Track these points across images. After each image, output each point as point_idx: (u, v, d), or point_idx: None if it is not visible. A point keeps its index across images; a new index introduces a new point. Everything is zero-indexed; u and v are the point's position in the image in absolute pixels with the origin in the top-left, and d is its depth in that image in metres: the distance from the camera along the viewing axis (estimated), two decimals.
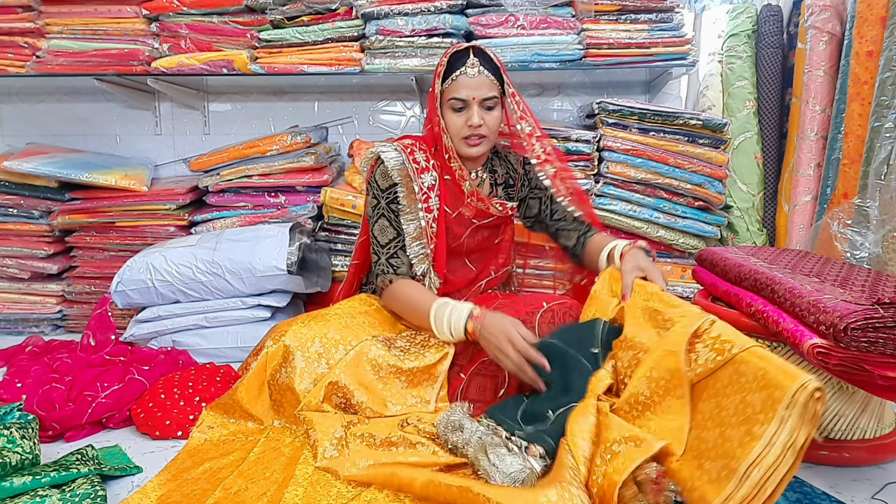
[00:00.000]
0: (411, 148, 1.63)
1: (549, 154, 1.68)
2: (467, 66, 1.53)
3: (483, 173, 1.72)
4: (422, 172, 1.61)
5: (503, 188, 1.75)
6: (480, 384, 1.53)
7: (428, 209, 1.61)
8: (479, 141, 1.57)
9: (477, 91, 1.53)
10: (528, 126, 1.65)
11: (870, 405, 1.29)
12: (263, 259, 2.02)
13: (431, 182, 1.62)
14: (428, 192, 1.61)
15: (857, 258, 1.75)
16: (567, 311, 1.56)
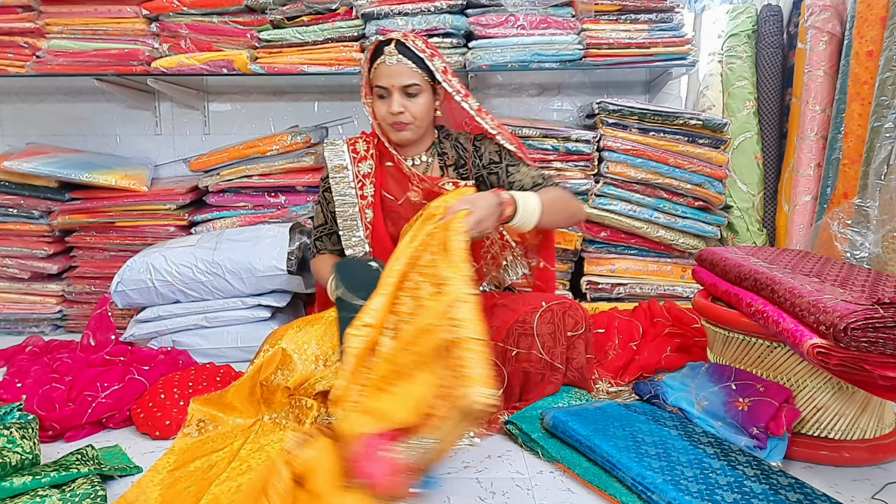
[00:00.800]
0: (355, 139, 1.74)
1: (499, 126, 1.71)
2: (386, 54, 1.58)
3: (429, 157, 1.73)
4: (360, 161, 1.70)
5: (454, 169, 1.74)
6: None
7: (363, 196, 1.68)
8: (403, 127, 1.61)
9: (396, 79, 1.58)
10: (475, 103, 1.67)
11: (870, 405, 1.29)
12: (263, 259, 2.02)
13: (368, 170, 1.70)
14: (363, 180, 1.69)
15: (857, 258, 1.75)
16: (567, 311, 1.55)
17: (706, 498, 1.06)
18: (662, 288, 2.30)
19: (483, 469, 1.28)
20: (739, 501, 1.05)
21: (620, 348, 1.85)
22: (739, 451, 1.22)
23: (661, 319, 1.99)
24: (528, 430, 1.37)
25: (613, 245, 2.31)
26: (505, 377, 1.52)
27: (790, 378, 1.33)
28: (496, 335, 1.54)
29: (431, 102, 1.65)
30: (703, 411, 1.37)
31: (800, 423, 1.31)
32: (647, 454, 1.20)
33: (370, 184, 1.69)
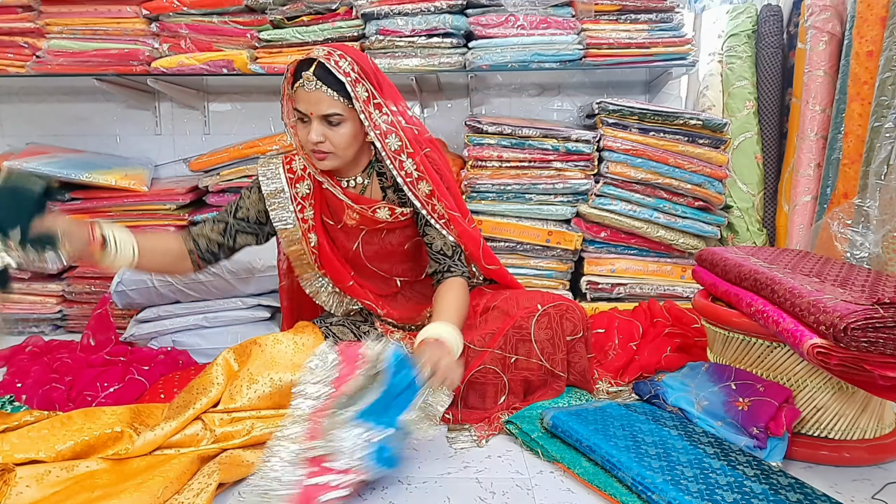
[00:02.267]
0: (291, 156, 1.59)
1: (424, 171, 1.53)
2: (304, 79, 1.40)
3: (365, 178, 1.59)
4: (297, 182, 1.57)
5: (394, 191, 1.60)
6: (480, 391, 1.52)
7: (303, 220, 1.57)
8: (324, 156, 1.46)
9: (315, 107, 1.41)
10: (397, 142, 1.50)
11: (870, 405, 1.29)
12: (263, 259, 2.02)
13: (306, 191, 1.57)
14: (302, 202, 1.57)
15: (857, 258, 1.75)
16: (563, 314, 1.54)
17: (706, 498, 1.06)
18: (662, 288, 2.30)
19: (483, 469, 1.28)
20: (739, 501, 1.05)
21: (620, 348, 1.85)
22: (739, 451, 1.22)
23: (661, 319, 1.99)
24: (527, 429, 1.37)
25: (613, 245, 2.31)
26: (506, 384, 1.51)
27: (790, 378, 1.33)
28: (492, 342, 1.52)
29: (358, 131, 1.47)
30: (703, 411, 1.37)
31: (800, 423, 1.31)
32: (647, 454, 1.20)
33: (310, 206, 1.56)
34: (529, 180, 2.25)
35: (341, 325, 1.60)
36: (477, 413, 1.50)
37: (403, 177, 1.52)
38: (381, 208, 1.56)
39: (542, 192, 2.27)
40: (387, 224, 1.58)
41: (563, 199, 2.29)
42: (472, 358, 1.52)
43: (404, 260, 1.69)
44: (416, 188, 1.54)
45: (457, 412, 1.50)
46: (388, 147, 1.49)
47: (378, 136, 1.47)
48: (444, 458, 1.34)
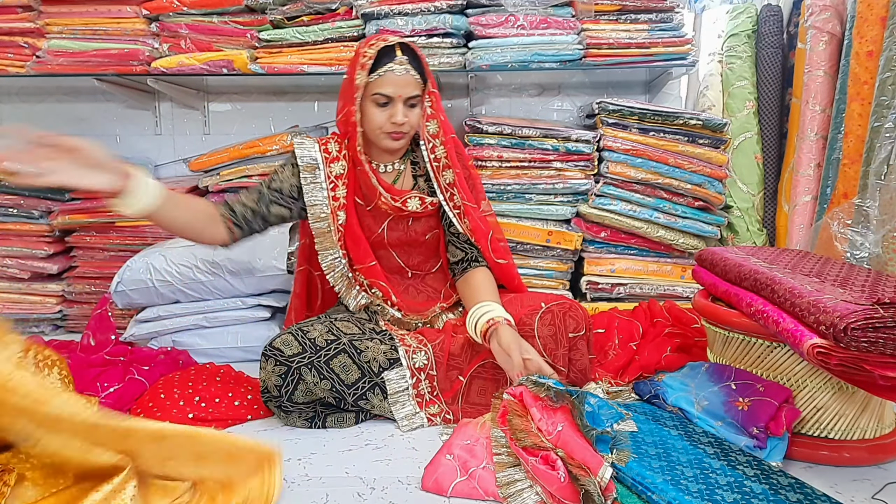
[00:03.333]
0: (326, 139, 1.65)
1: (450, 160, 1.64)
2: (395, 63, 1.50)
3: (401, 165, 1.69)
4: (331, 162, 1.62)
5: (425, 180, 1.69)
6: (482, 387, 1.53)
7: (335, 198, 1.61)
8: (399, 136, 1.56)
9: (403, 89, 1.52)
10: (435, 126, 1.63)
11: (870, 405, 1.29)
12: (263, 259, 2.03)
13: (340, 171, 1.62)
14: (335, 181, 1.61)
15: (857, 258, 1.75)
16: (567, 312, 1.54)
17: (706, 498, 1.06)
18: (662, 288, 2.30)
19: None
20: (739, 501, 1.05)
21: (620, 348, 1.85)
22: (739, 451, 1.22)
23: (661, 319, 1.99)
24: None
25: (613, 245, 2.31)
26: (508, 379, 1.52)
27: (790, 378, 1.33)
28: None
29: (423, 112, 1.62)
30: (703, 411, 1.37)
31: (800, 423, 1.31)
32: (646, 454, 1.20)
33: (343, 185, 1.62)
34: (529, 180, 2.25)
35: (346, 320, 1.61)
36: (478, 409, 1.51)
37: (432, 161, 1.64)
38: (413, 198, 1.63)
39: (542, 192, 2.27)
40: (415, 213, 1.65)
41: (563, 199, 2.29)
42: (475, 353, 1.53)
43: (422, 251, 1.74)
44: (440, 174, 1.65)
45: (457, 409, 1.50)
46: (427, 130, 1.63)
47: (428, 116, 1.62)
48: None
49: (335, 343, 1.48)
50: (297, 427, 1.50)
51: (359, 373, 1.48)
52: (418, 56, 1.55)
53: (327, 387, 1.45)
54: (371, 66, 1.51)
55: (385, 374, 1.49)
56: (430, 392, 1.52)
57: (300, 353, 1.45)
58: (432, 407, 1.51)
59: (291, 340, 1.46)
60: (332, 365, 1.45)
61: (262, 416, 1.57)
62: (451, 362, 1.54)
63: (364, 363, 1.48)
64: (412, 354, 1.53)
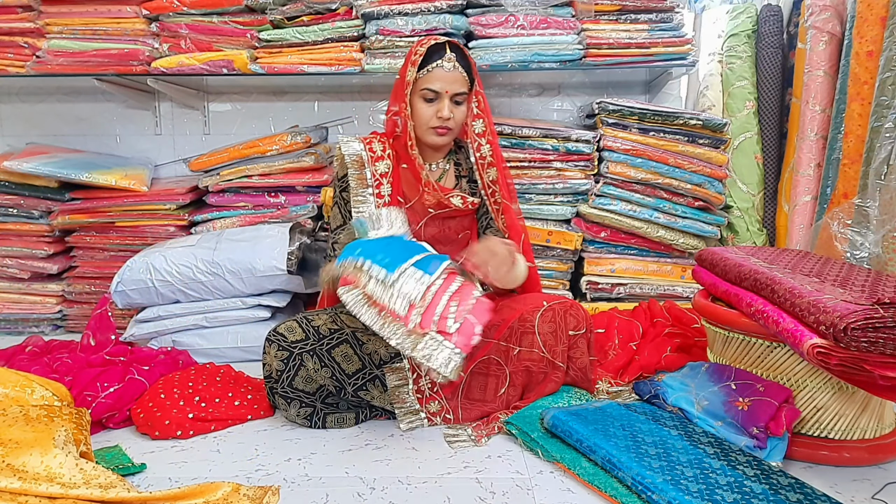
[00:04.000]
0: (370, 139, 1.69)
1: (494, 159, 1.70)
2: (444, 59, 1.56)
3: (446, 164, 1.73)
4: (376, 161, 1.66)
5: (468, 181, 1.75)
6: (481, 383, 1.54)
7: (379, 195, 1.64)
8: (445, 131, 1.61)
9: (450, 85, 1.57)
10: (482, 126, 1.70)
11: (870, 405, 1.29)
12: (263, 259, 2.02)
13: (385, 170, 1.66)
14: (380, 179, 1.65)
15: (857, 258, 1.75)
16: (568, 310, 1.56)
17: (706, 498, 1.06)
18: (662, 288, 2.30)
19: (483, 469, 1.29)
20: (739, 501, 1.05)
21: (620, 348, 1.85)
22: (739, 451, 1.22)
23: (661, 319, 1.99)
24: (527, 430, 1.38)
25: (613, 245, 2.31)
26: (507, 375, 1.53)
27: (790, 378, 1.33)
28: (497, 333, 1.55)
29: (467, 112, 1.66)
30: (703, 411, 1.37)
31: (800, 423, 1.31)
32: (647, 454, 1.20)
33: (387, 183, 1.66)
34: (529, 180, 2.25)
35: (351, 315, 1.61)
36: (477, 406, 1.52)
37: (478, 158, 1.71)
38: (455, 196, 1.67)
39: (542, 192, 2.27)
40: (456, 211, 1.69)
41: (563, 199, 2.29)
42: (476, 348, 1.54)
43: (454, 250, 1.74)
44: (484, 172, 1.71)
45: (456, 404, 1.51)
46: (473, 129, 1.69)
47: (473, 116, 1.68)
48: (444, 458, 1.34)
49: (338, 333, 1.51)
50: (297, 424, 1.51)
51: (360, 364, 1.50)
52: (466, 56, 1.61)
53: (328, 374, 1.47)
54: (420, 63, 1.57)
55: (386, 369, 1.50)
56: (430, 388, 1.52)
57: (303, 339, 1.48)
58: (432, 404, 1.51)
59: (295, 327, 1.50)
60: (334, 354, 1.48)
61: (262, 416, 1.57)
62: None
63: (365, 355, 1.50)
64: None
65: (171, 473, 1.28)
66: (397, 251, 1.37)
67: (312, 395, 1.49)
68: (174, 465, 1.33)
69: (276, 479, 1.25)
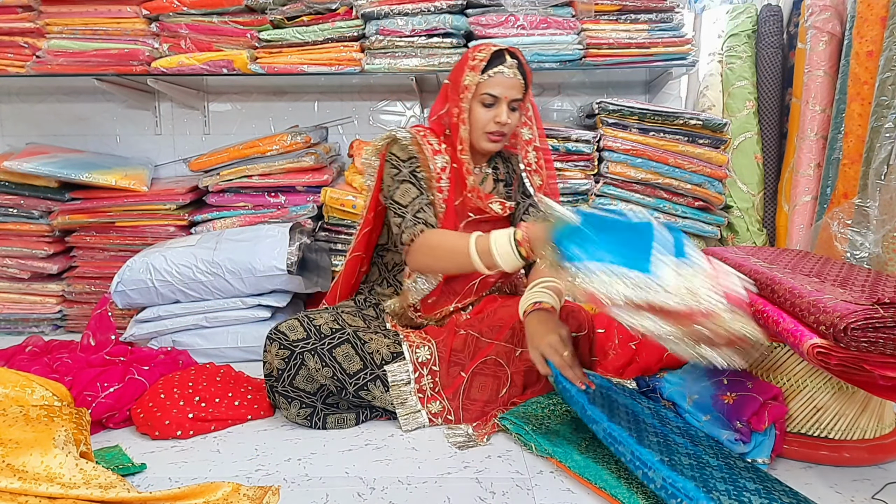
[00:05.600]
0: (423, 132, 1.68)
1: (540, 166, 1.74)
2: (506, 66, 1.59)
3: (487, 168, 1.76)
4: (435, 154, 1.66)
5: (504, 185, 1.78)
6: (482, 383, 1.54)
7: (439, 189, 1.66)
8: (499, 138, 1.64)
9: (510, 91, 1.60)
10: (529, 133, 1.73)
11: (870, 405, 1.29)
12: (263, 259, 2.02)
13: (443, 164, 1.67)
14: (440, 174, 1.66)
15: (857, 258, 1.75)
16: (570, 313, 1.58)
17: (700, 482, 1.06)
18: None
19: (483, 469, 1.29)
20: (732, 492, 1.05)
21: (620, 348, 1.84)
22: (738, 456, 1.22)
23: None
24: (522, 423, 1.39)
25: None
26: (509, 376, 1.53)
27: (790, 378, 1.33)
28: (499, 335, 1.56)
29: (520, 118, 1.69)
30: (693, 405, 1.37)
31: (800, 423, 1.31)
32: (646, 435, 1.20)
33: (446, 178, 1.66)
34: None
35: (353, 314, 1.63)
36: (478, 406, 1.52)
37: (525, 165, 1.74)
38: (495, 202, 1.70)
39: None
40: (491, 216, 1.71)
41: (564, 198, 2.29)
42: (478, 349, 1.54)
43: None
44: (531, 178, 1.75)
45: (458, 405, 1.51)
46: (521, 136, 1.72)
47: (521, 123, 1.70)
48: (444, 458, 1.34)
49: (339, 332, 1.50)
50: (297, 424, 1.51)
51: (361, 363, 1.49)
52: (524, 63, 1.63)
53: (329, 374, 1.46)
54: (484, 68, 1.59)
55: (387, 367, 1.50)
56: (431, 388, 1.52)
57: (304, 338, 1.47)
58: (434, 404, 1.51)
59: (297, 326, 1.49)
60: (335, 353, 1.48)
61: (262, 416, 1.57)
62: (454, 358, 1.55)
63: (367, 354, 1.50)
64: (416, 349, 1.54)
65: (171, 473, 1.28)
66: (622, 240, 1.15)
67: (313, 394, 1.49)
68: (174, 465, 1.33)
69: (276, 479, 1.25)
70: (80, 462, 1.08)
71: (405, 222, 1.57)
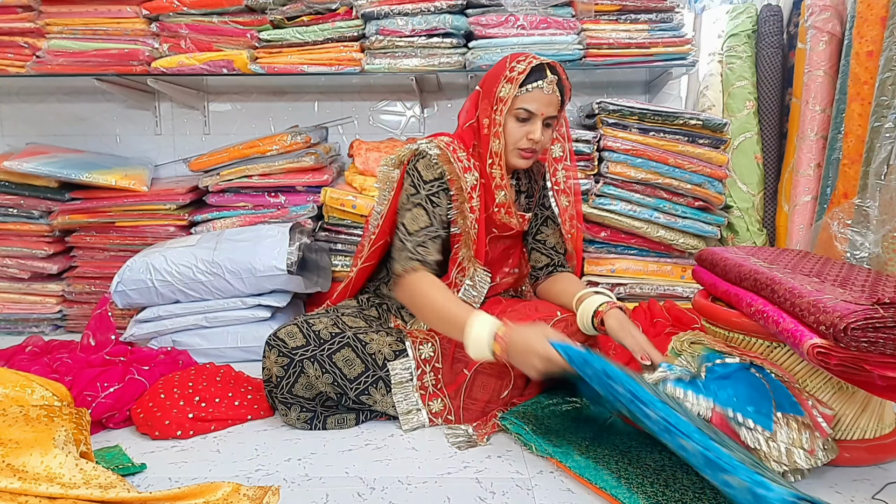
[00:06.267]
0: (453, 146, 1.58)
1: (568, 187, 1.71)
2: (545, 81, 1.52)
3: (511, 180, 1.69)
4: (465, 172, 1.57)
5: (525, 196, 1.74)
6: (483, 382, 1.54)
7: (472, 209, 1.57)
8: (531, 155, 1.57)
9: (547, 108, 1.54)
10: (560, 151, 1.70)
11: (870, 405, 1.29)
12: (263, 259, 2.02)
13: (473, 182, 1.57)
14: (471, 192, 1.56)
15: (857, 258, 1.75)
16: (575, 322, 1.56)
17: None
18: (662, 288, 2.30)
19: (483, 469, 1.29)
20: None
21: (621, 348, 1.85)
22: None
23: (661, 319, 1.99)
24: (522, 423, 1.39)
25: (613, 245, 2.31)
26: (511, 378, 1.53)
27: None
28: None
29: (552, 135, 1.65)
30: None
31: None
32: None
33: (477, 197, 1.57)
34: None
35: (354, 316, 1.61)
36: (479, 405, 1.52)
37: (553, 183, 1.71)
38: (515, 216, 1.66)
39: None
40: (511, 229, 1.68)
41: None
42: None
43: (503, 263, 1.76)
44: (558, 199, 1.72)
45: (458, 403, 1.51)
46: (551, 153, 1.69)
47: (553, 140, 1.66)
48: (444, 458, 1.34)
49: (339, 336, 1.49)
50: (297, 428, 1.50)
51: (362, 367, 1.48)
52: (563, 79, 1.56)
53: (329, 381, 1.46)
54: (522, 81, 1.51)
55: (390, 364, 1.49)
56: (433, 385, 1.52)
57: (303, 345, 1.46)
58: (435, 402, 1.51)
59: (296, 332, 1.48)
60: (335, 359, 1.46)
61: (262, 416, 1.57)
62: (458, 355, 1.54)
63: (368, 355, 1.49)
64: (419, 345, 1.53)
65: (171, 473, 1.28)
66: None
67: (312, 399, 1.49)
68: (174, 465, 1.33)
69: (276, 479, 1.25)
70: (80, 462, 1.08)
71: (404, 250, 1.52)
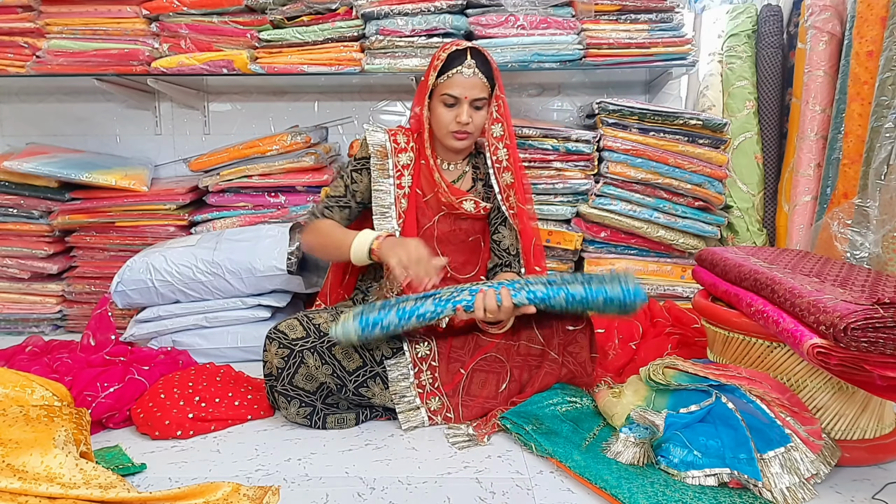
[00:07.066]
0: (395, 131, 1.73)
1: (510, 163, 1.71)
2: (464, 66, 1.59)
3: (466, 166, 1.77)
4: (399, 152, 1.70)
5: (483, 185, 1.77)
6: (482, 379, 1.54)
7: (399, 185, 1.68)
8: (464, 136, 1.64)
9: (470, 91, 1.60)
10: (500, 130, 1.70)
11: (870, 405, 1.29)
12: (263, 259, 2.02)
13: (407, 161, 1.70)
14: (402, 170, 1.69)
15: (857, 258, 1.75)
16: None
17: None
18: (662, 288, 2.30)
19: (483, 469, 1.29)
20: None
21: (620, 348, 1.85)
22: None
23: (661, 319, 1.99)
24: (522, 423, 1.39)
25: (613, 245, 2.31)
26: (508, 371, 1.53)
27: (790, 378, 1.33)
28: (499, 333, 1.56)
29: (488, 116, 1.68)
30: None
31: None
32: None
33: (408, 175, 1.70)
34: (529, 180, 2.25)
35: None
36: (478, 402, 1.53)
37: (493, 162, 1.71)
38: (468, 200, 1.71)
39: (542, 191, 2.27)
40: (470, 213, 1.72)
41: (563, 199, 2.29)
42: (478, 346, 1.55)
43: (464, 252, 1.78)
44: (500, 175, 1.72)
45: (457, 401, 1.52)
46: (492, 133, 1.70)
47: (493, 120, 1.68)
48: (444, 458, 1.34)
49: None
50: (297, 423, 1.51)
51: (360, 360, 1.50)
52: (488, 61, 1.62)
53: (328, 371, 1.47)
54: (441, 68, 1.60)
55: (387, 363, 1.51)
56: (431, 383, 1.53)
57: (304, 337, 1.48)
58: (433, 400, 1.51)
59: (296, 325, 1.50)
60: (335, 351, 1.48)
61: (262, 416, 1.57)
62: (453, 354, 1.55)
63: (366, 351, 1.50)
64: (415, 344, 1.55)
65: (171, 473, 1.28)
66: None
67: (313, 393, 1.49)
68: (174, 465, 1.33)
69: (276, 479, 1.25)
70: (80, 462, 1.08)
71: (314, 209, 1.73)
